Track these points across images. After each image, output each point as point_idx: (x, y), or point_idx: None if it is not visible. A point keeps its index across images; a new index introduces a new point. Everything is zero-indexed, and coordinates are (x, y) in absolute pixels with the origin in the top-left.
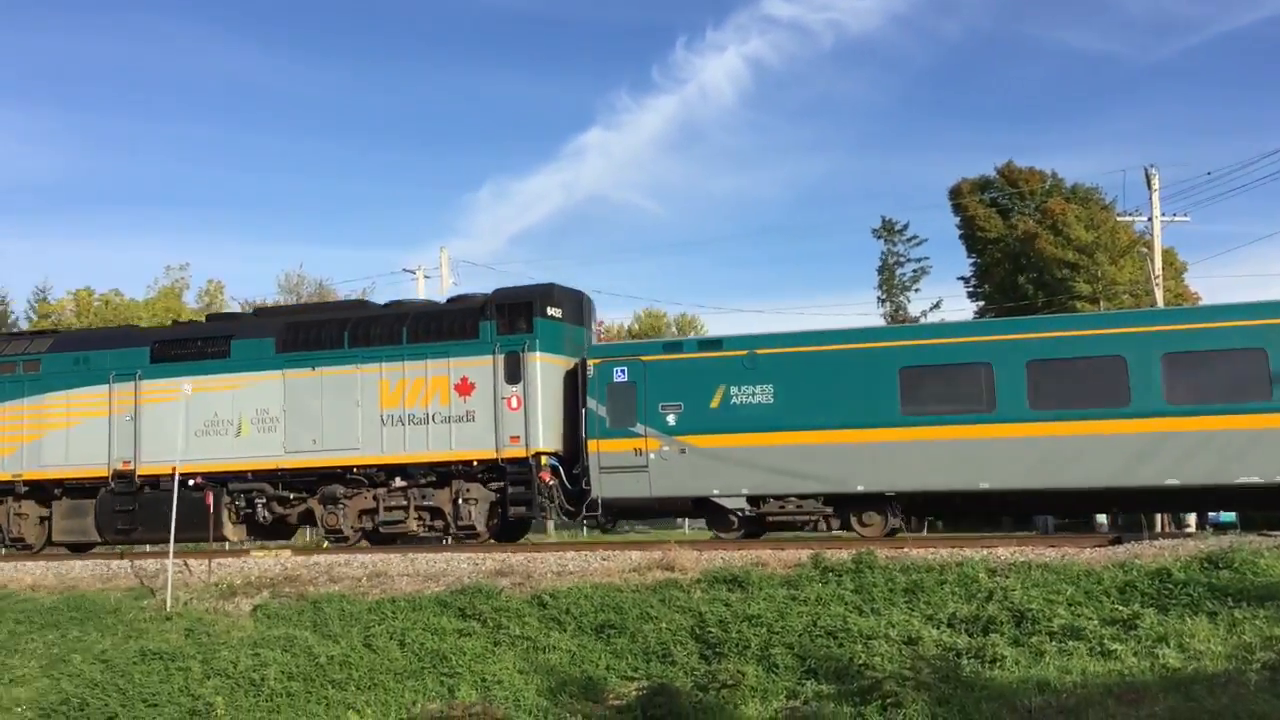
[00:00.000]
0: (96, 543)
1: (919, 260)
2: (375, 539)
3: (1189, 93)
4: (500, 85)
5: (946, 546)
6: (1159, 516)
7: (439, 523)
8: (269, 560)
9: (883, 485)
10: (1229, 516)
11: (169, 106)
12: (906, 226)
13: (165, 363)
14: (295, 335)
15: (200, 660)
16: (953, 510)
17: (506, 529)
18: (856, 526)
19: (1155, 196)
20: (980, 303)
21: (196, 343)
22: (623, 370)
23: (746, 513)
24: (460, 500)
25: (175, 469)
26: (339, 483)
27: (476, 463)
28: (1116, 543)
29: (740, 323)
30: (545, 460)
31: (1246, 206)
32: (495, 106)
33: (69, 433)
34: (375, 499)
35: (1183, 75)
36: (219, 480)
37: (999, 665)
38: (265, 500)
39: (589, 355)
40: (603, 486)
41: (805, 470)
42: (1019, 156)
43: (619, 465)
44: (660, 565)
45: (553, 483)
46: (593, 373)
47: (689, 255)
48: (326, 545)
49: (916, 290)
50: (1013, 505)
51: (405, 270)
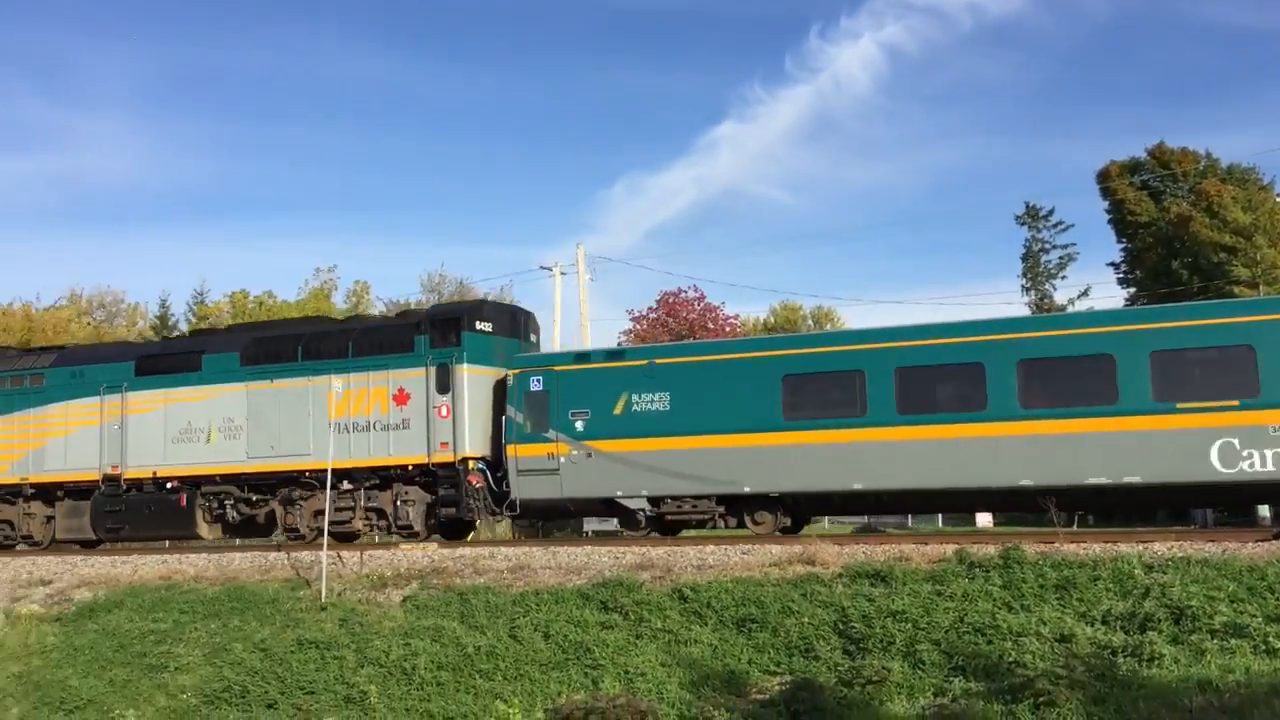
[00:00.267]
0: (94, 540)
1: (1065, 247)
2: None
3: None
4: (633, 82)
5: (1099, 541)
6: None
7: (383, 522)
8: (417, 553)
9: (768, 486)
10: None
11: (317, 114)
12: (1052, 212)
13: (148, 376)
14: (257, 350)
15: (354, 649)
16: (832, 510)
17: (453, 527)
18: (750, 525)
19: None
20: (1131, 289)
21: (173, 358)
22: (538, 380)
23: (648, 513)
24: (399, 502)
25: (154, 473)
26: (295, 485)
27: (412, 467)
28: None
29: (878, 315)
30: (473, 465)
31: None
32: (628, 103)
33: (67, 440)
34: (326, 500)
35: None
36: (193, 483)
37: (1157, 664)
38: (233, 501)
39: (510, 366)
40: (520, 488)
41: (698, 473)
42: (1170, 137)
43: (534, 468)
44: (801, 559)
45: (480, 485)
46: (512, 382)
47: (823, 247)
48: (471, 539)
49: (1063, 278)
50: (887, 505)
51: (542, 267)
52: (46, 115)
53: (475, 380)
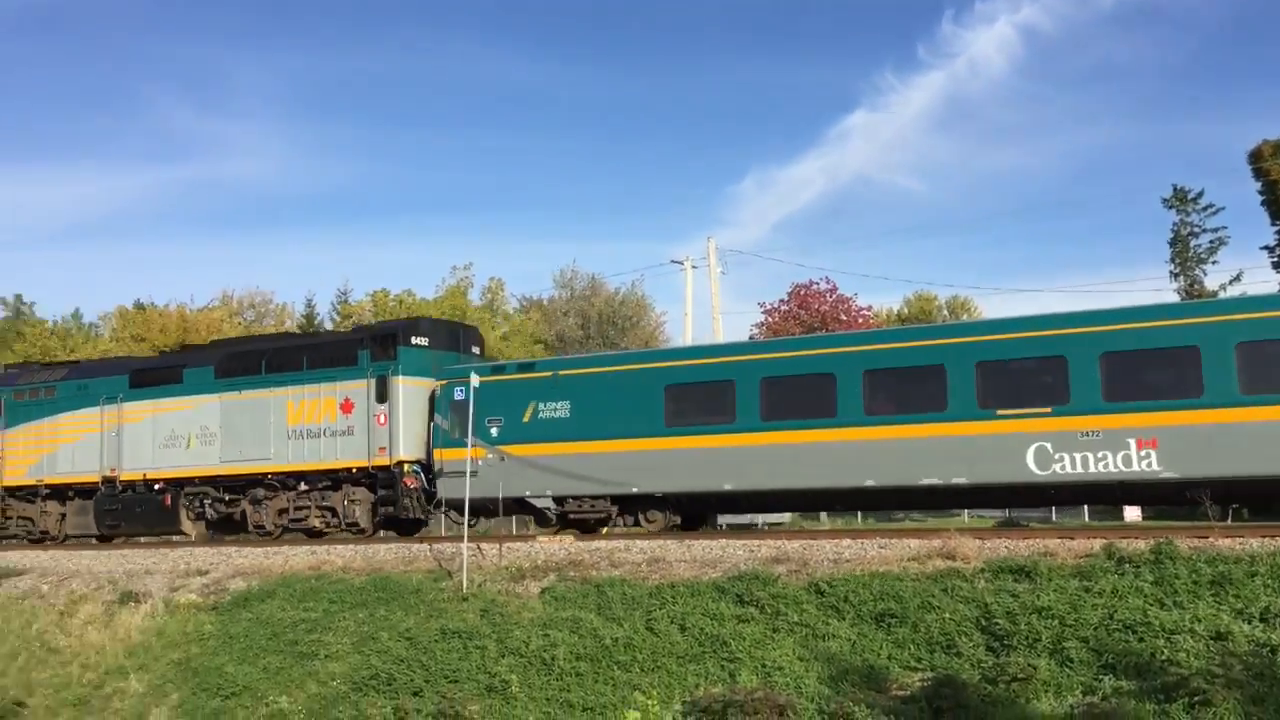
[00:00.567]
0: (97, 535)
1: (1215, 230)
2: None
3: None
4: (762, 73)
5: (1257, 536)
6: None
7: (335, 520)
8: (554, 545)
9: (653, 487)
10: None
11: (453, 116)
12: (1201, 194)
13: (139, 388)
14: (229, 365)
15: (495, 639)
16: (711, 509)
17: (403, 526)
18: (643, 523)
19: None
20: None
21: (160, 371)
22: (461, 389)
23: (553, 511)
24: (347, 501)
25: (145, 475)
26: (260, 486)
27: (356, 470)
28: None
29: (1017, 304)
30: (408, 467)
31: None
32: (758, 96)
33: (74, 446)
34: (287, 500)
35: None
36: (177, 485)
37: None
38: (211, 501)
39: (437, 377)
40: (444, 489)
41: (594, 474)
42: None
43: (456, 471)
44: (940, 554)
45: (415, 486)
46: (439, 392)
47: (958, 235)
48: (606, 532)
49: (1214, 263)
50: (757, 505)
51: (674, 262)
52: (196, 125)
53: (410, 391)
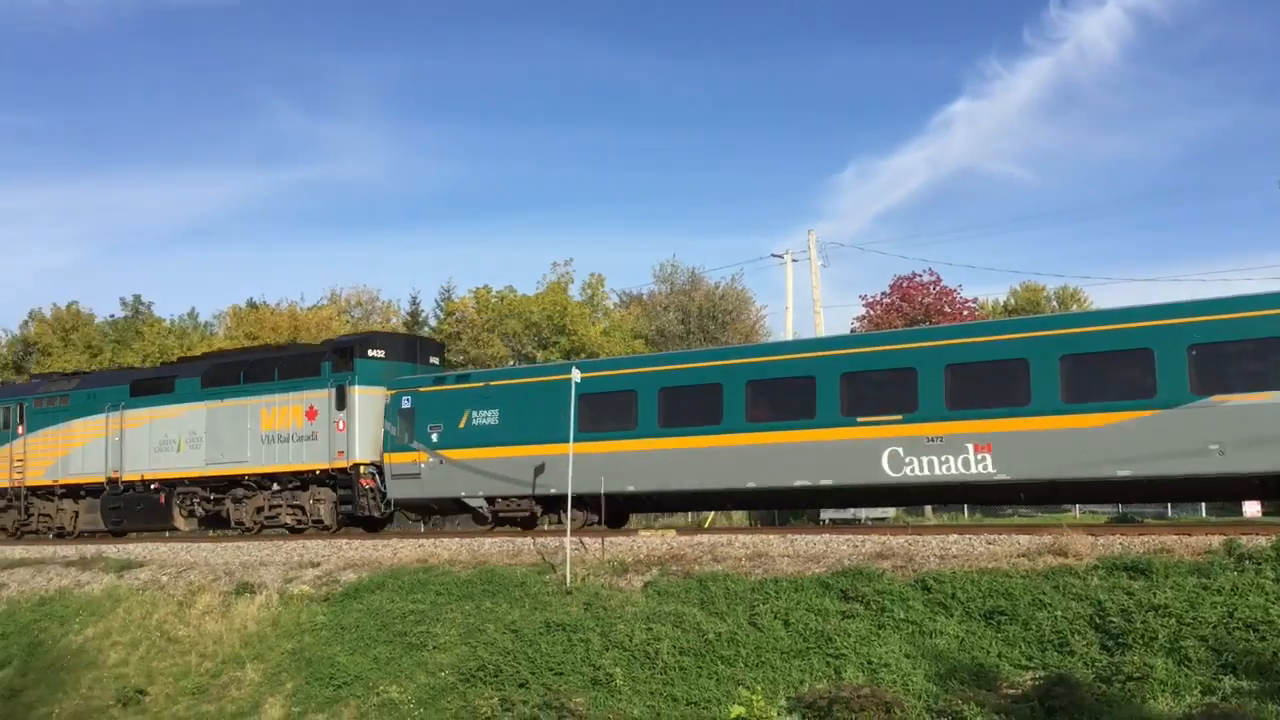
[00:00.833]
0: (103, 530)
1: None
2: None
3: None
4: (862, 62)
5: None
6: None
7: (304, 517)
8: (656, 540)
9: (566, 489)
10: None
11: (554, 114)
12: None
13: (138, 396)
14: (213, 375)
15: (599, 633)
16: (620, 509)
17: (368, 523)
18: (563, 521)
19: None
20: None
21: (156, 381)
22: (408, 398)
23: (486, 510)
24: (313, 500)
25: (143, 476)
26: (240, 487)
27: (319, 471)
28: None
29: (1129, 294)
30: (365, 469)
31: None
32: (858, 84)
33: (84, 449)
34: (264, 499)
35: None
36: (170, 485)
37: None
38: (199, 499)
39: (389, 387)
40: (393, 489)
41: (519, 477)
42: None
43: (403, 473)
44: (1051, 550)
45: (371, 486)
46: (389, 401)
47: (1066, 224)
48: (706, 525)
49: None
50: (660, 504)
51: (773, 255)
52: (304, 127)
53: (366, 399)
